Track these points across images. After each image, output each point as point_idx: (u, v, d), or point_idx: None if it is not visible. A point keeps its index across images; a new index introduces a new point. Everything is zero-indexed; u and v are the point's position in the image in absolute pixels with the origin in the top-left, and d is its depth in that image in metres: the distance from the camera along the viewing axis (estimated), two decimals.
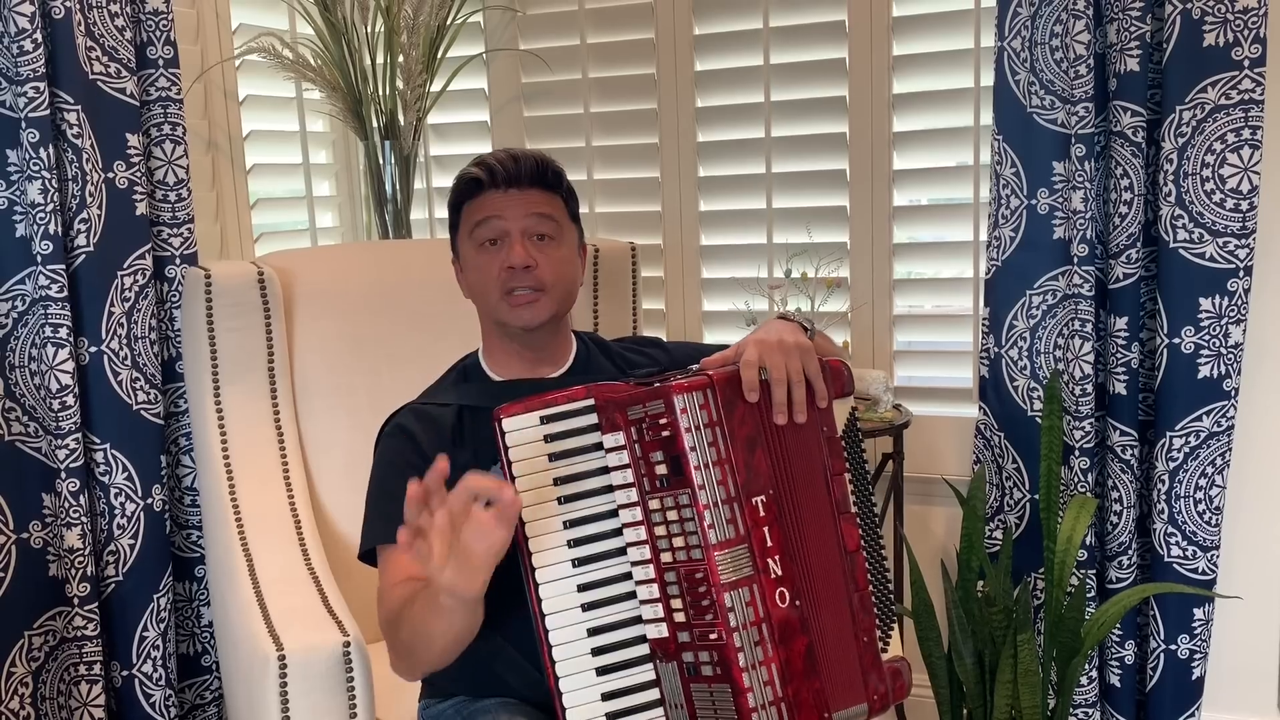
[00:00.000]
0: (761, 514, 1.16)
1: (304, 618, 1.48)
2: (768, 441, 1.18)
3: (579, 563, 1.19)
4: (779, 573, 1.16)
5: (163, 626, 1.85)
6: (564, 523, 1.20)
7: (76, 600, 1.75)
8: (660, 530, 1.17)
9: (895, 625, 1.28)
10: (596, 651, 1.18)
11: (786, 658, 1.15)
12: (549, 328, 1.40)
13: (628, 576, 1.19)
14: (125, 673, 1.83)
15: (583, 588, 1.19)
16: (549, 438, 1.21)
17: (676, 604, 1.16)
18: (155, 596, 1.84)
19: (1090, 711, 1.94)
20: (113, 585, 1.81)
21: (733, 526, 1.15)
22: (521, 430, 1.21)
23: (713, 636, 1.13)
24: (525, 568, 1.19)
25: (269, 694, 1.38)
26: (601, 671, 1.18)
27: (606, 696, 1.18)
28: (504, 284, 1.35)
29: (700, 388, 1.15)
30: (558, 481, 1.20)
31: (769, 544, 1.16)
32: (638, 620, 1.19)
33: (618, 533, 1.20)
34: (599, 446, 1.20)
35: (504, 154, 1.38)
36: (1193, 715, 1.92)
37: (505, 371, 1.44)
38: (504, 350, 1.43)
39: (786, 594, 1.16)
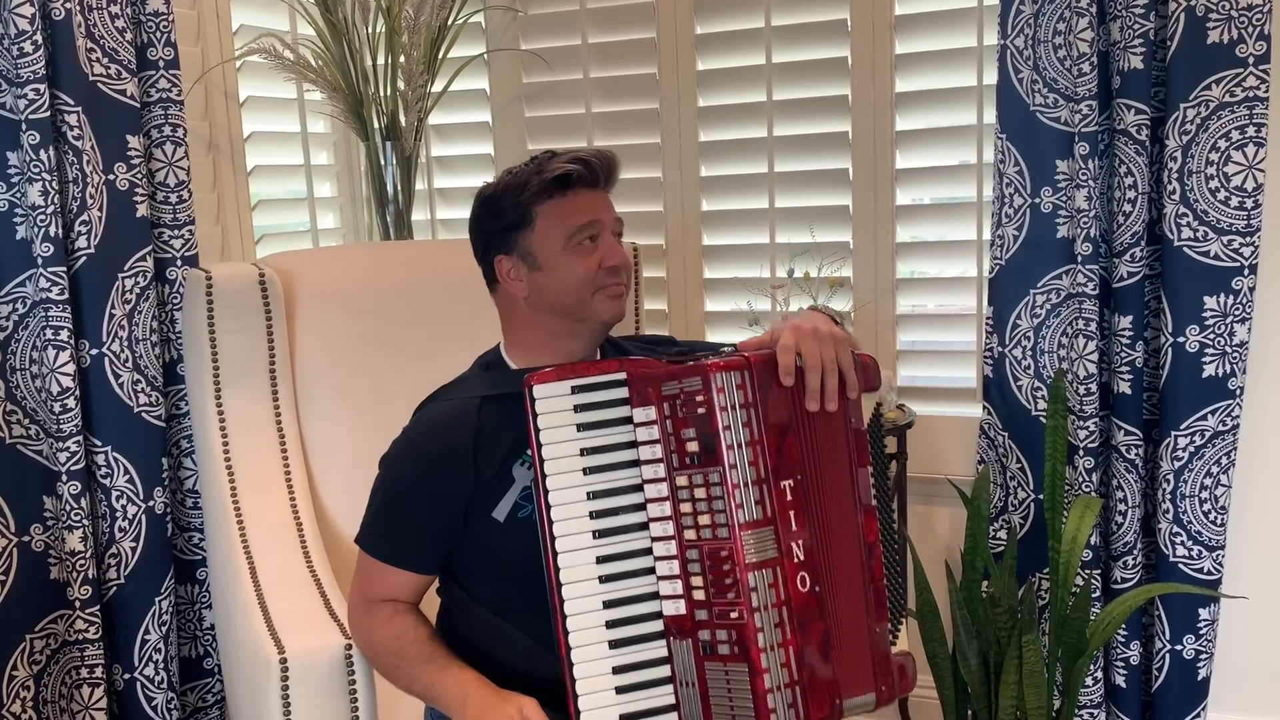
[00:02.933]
0: (789, 498, 1.17)
1: (306, 620, 1.48)
2: (798, 427, 1.19)
3: (600, 534, 1.20)
4: (801, 557, 1.17)
5: (164, 629, 1.84)
6: (588, 494, 1.20)
7: (78, 603, 1.75)
8: (686, 507, 1.17)
9: (905, 618, 1.29)
10: (611, 624, 1.19)
11: (804, 642, 1.15)
12: None
13: (648, 552, 1.20)
14: (127, 676, 1.83)
15: (602, 559, 1.20)
16: (579, 408, 1.22)
17: (697, 581, 1.17)
18: (157, 599, 1.84)
19: (1095, 712, 1.93)
20: (114, 588, 1.81)
21: (761, 508, 1.15)
22: (551, 398, 1.21)
23: (733, 615, 1.14)
24: (545, 536, 1.20)
25: (271, 697, 1.38)
26: (614, 645, 1.19)
27: (617, 670, 1.19)
28: (600, 280, 1.32)
29: (738, 368, 1.16)
30: (584, 452, 1.21)
31: (794, 528, 1.17)
32: (654, 597, 1.20)
33: (641, 507, 1.20)
34: (629, 420, 1.21)
35: (592, 152, 1.36)
36: (1198, 716, 1.91)
37: (528, 363, 1.38)
38: (533, 348, 1.37)
39: (808, 579, 1.16)
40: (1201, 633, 1.88)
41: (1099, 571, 1.91)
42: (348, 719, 1.40)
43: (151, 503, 1.83)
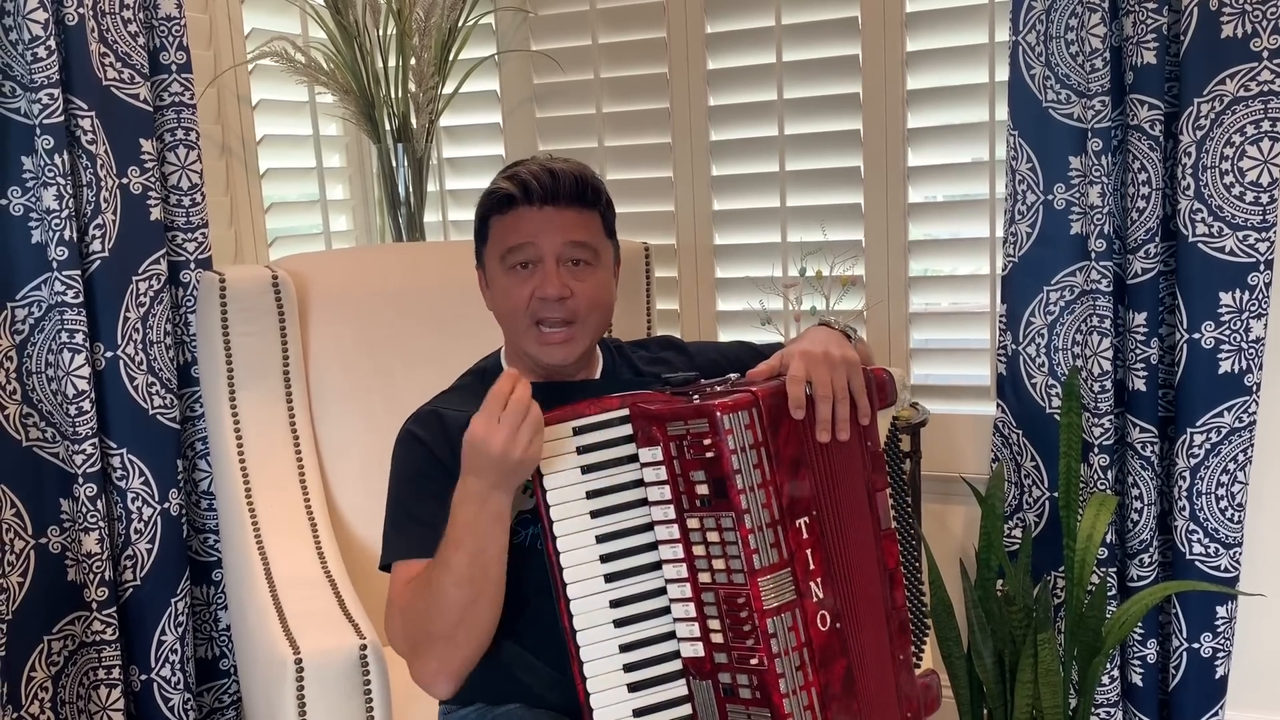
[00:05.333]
0: (805, 536, 1.13)
1: (320, 621, 1.48)
2: (811, 460, 1.15)
3: (611, 578, 1.16)
4: (820, 595, 1.14)
5: (180, 630, 1.85)
6: (596, 537, 1.17)
7: (95, 605, 1.75)
8: (699, 550, 1.13)
9: (927, 637, 1.27)
10: (628, 668, 1.16)
11: (826, 681, 1.13)
12: (581, 359, 1.33)
13: (661, 592, 1.17)
14: (144, 677, 1.84)
15: (615, 603, 1.16)
16: (582, 449, 1.18)
17: (714, 625, 1.13)
18: (173, 600, 1.85)
19: (1112, 711, 1.92)
20: (131, 589, 1.82)
21: (776, 551, 1.12)
22: (553, 441, 1.17)
23: (753, 661, 1.11)
24: (556, 582, 1.16)
25: (286, 697, 1.38)
26: (633, 688, 1.16)
27: (638, 713, 1.15)
28: (534, 313, 1.28)
29: (746, 406, 1.11)
30: (590, 495, 1.17)
31: (811, 567, 1.13)
32: (671, 637, 1.16)
33: (652, 547, 1.17)
34: (634, 459, 1.17)
35: (540, 168, 1.28)
36: (1216, 714, 1.90)
37: (528, 378, 1.36)
38: (529, 364, 1.35)
39: (828, 617, 1.14)
40: (1219, 630, 1.87)
41: (1115, 570, 1.90)
42: (363, 719, 1.40)
43: (167, 504, 1.84)
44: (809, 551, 1.13)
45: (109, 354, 1.77)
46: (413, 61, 2.25)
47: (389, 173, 2.29)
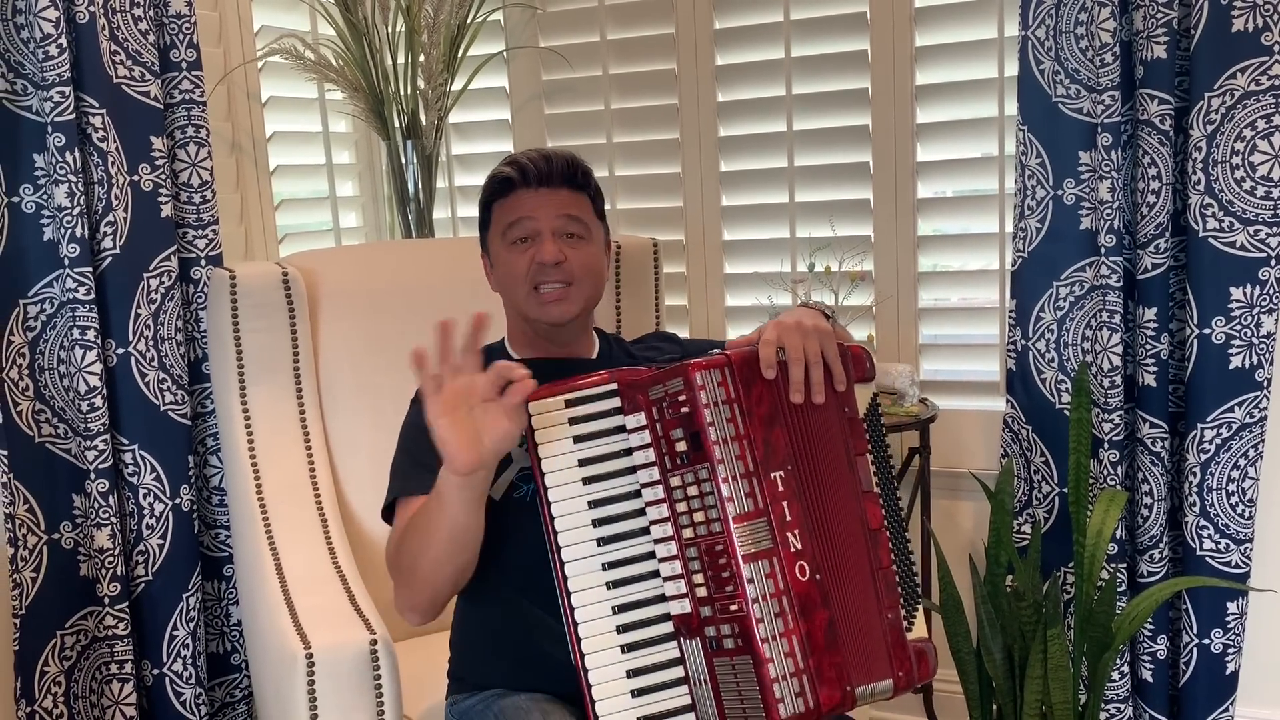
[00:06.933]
0: (780, 489, 1.17)
1: (331, 616, 1.49)
2: (787, 419, 1.20)
3: (603, 542, 1.22)
4: (799, 546, 1.17)
5: (192, 625, 1.86)
6: (589, 503, 1.23)
7: (107, 600, 1.77)
8: (682, 506, 1.19)
9: (920, 606, 1.28)
10: (621, 629, 1.21)
11: (808, 630, 1.15)
12: (577, 323, 1.44)
13: (651, 555, 1.22)
14: (156, 671, 1.85)
15: (607, 566, 1.22)
16: (573, 420, 1.24)
17: (698, 578, 1.18)
18: (184, 596, 1.86)
19: (1122, 707, 1.92)
20: (142, 585, 1.83)
21: (751, 500, 1.16)
22: (546, 414, 1.24)
23: (733, 608, 1.15)
24: (551, 547, 1.22)
25: (297, 692, 1.39)
26: (627, 649, 1.20)
27: (632, 673, 1.20)
28: (533, 278, 1.40)
29: (718, 365, 1.18)
30: (582, 463, 1.24)
31: (788, 518, 1.17)
32: (661, 598, 1.21)
33: (641, 512, 1.22)
34: (622, 429, 1.24)
35: (535, 153, 1.43)
36: (1227, 710, 1.90)
37: (528, 354, 1.48)
38: (529, 341, 1.48)
39: (807, 568, 1.17)
40: (1229, 626, 1.87)
41: (1125, 565, 1.89)
42: (373, 713, 1.41)
43: (178, 500, 1.85)
44: (785, 504, 1.17)
45: (120, 350, 1.78)
46: (421, 58, 2.25)
47: (398, 169, 2.30)
